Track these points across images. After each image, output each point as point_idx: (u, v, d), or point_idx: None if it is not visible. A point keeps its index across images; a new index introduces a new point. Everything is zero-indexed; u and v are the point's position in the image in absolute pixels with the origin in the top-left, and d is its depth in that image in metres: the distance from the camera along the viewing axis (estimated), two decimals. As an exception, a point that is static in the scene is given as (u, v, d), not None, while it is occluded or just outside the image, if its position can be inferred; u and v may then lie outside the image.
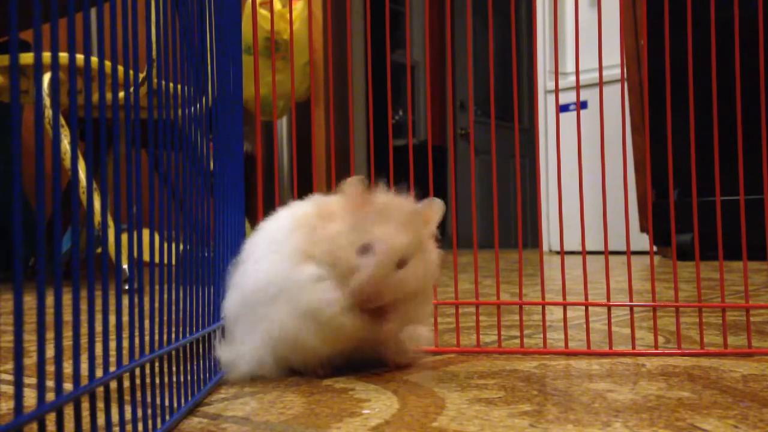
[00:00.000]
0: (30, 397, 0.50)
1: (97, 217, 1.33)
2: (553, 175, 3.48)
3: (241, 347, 0.57)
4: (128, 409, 0.37)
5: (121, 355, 0.37)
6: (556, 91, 0.74)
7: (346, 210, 0.56)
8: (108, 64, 0.35)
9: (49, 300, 0.29)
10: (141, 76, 1.37)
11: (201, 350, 0.52)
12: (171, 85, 0.46)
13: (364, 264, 0.53)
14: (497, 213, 0.69)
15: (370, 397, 0.49)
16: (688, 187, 0.67)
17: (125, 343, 0.38)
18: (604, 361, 0.62)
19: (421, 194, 0.60)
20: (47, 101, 1.48)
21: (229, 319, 0.58)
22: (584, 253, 0.68)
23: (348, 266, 0.53)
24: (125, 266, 1.44)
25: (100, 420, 0.34)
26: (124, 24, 0.37)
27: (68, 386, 0.32)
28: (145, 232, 0.40)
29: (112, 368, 0.36)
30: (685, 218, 1.03)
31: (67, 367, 0.58)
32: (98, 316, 0.33)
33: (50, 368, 0.57)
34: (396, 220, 0.55)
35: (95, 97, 1.24)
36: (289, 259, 0.56)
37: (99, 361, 0.35)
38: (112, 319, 0.49)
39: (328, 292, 0.54)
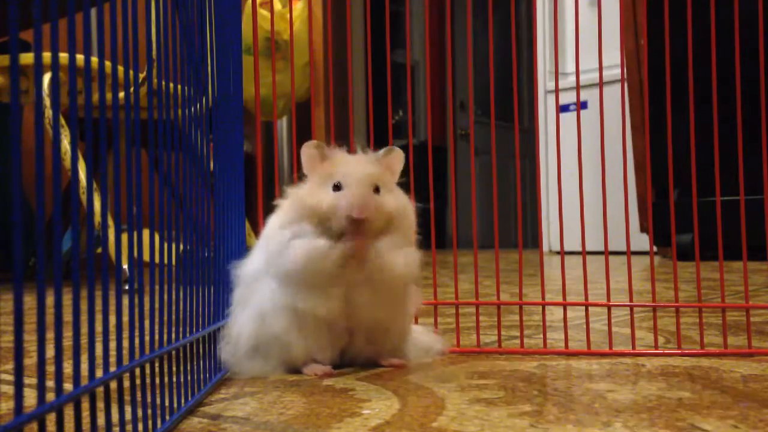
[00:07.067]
0: (30, 397, 0.50)
1: (97, 217, 1.33)
2: (553, 175, 3.47)
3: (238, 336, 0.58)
4: (128, 409, 0.37)
5: (121, 355, 0.37)
6: (556, 91, 0.74)
7: (308, 172, 0.59)
8: (108, 64, 0.35)
9: (49, 300, 0.29)
10: (141, 76, 1.37)
11: (201, 350, 0.52)
12: (171, 85, 0.46)
13: (341, 194, 0.55)
14: (497, 213, 0.69)
15: (370, 397, 0.49)
16: (688, 187, 0.67)
17: (125, 343, 0.38)
18: (604, 361, 0.62)
19: (422, 194, 0.60)
20: (47, 101, 1.48)
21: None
22: (584, 253, 0.68)
23: (328, 206, 0.55)
24: (125, 266, 1.44)
25: (100, 420, 0.34)
26: (124, 24, 0.37)
27: (68, 386, 0.32)
28: (145, 232, 0.40)
29: (112, 368, 0.36)
30: (685, 218, 1.03)
31: (67, 367, 0.58)
32: (98, 316, 0.33)
33: (50, 368, 0.57)
34: (359, 160, 0.58)
35: (95, 97, 1.24)
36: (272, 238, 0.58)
37: (99, 361, 0.35)
38: (112, 319, 0.49)
39: (310, 240, 0.55)
